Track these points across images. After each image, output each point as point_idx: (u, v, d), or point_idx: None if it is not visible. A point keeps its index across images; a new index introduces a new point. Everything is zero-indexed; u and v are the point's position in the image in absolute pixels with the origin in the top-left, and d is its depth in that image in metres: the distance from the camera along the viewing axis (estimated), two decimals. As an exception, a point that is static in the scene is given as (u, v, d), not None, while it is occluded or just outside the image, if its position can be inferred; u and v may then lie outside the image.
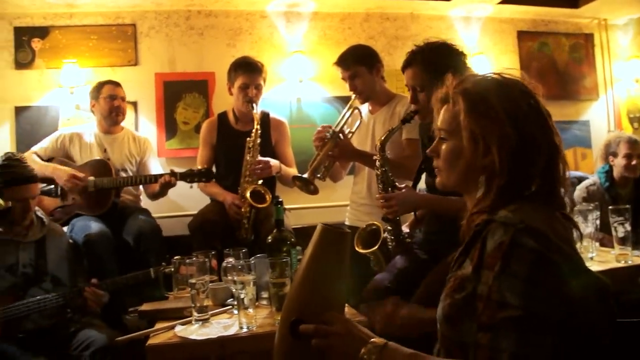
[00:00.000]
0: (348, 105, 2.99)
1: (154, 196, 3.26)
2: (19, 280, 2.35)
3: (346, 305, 1.39)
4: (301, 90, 4.10)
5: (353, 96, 2.93)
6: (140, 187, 3.35)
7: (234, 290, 1.90)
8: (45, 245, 2.49)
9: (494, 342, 0.98)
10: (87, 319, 2.46)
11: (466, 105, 1.16)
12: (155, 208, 3.38)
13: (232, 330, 1.73)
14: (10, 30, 3.82)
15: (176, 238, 3.26)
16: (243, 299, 1.74)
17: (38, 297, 2.31)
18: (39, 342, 2.27)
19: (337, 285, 1.23)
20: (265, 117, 3.31)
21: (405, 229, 2.47)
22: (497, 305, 0.98)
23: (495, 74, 1.20)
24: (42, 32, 3.85)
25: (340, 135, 2.81)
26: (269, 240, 1.99)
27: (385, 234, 2.36)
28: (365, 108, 3.05)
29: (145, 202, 3.41)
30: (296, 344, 1.17)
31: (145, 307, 2.14)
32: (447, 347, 1.11)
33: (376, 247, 2.33)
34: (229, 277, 2.03)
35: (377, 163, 2.41)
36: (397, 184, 2.39)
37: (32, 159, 3.11)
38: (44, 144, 3.27)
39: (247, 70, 3.19)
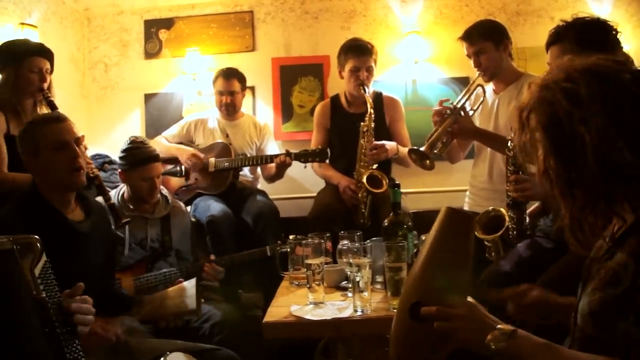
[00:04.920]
0: (471, 82, 2.82)
1: (270, 178, 3.33)
2: (148, 254, 2.51)
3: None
4: (417, 71, 3.97)
5: (477, 73, 2.76)
6: (258, 170, 3.44)
7: (348, 272, 1.88)
8: (170, 221, 2.62)
9: None
10: (206, 294, 2.57)
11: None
12: (271, 190, 3.45)
13: (346, 313, 1.70)
14: (140, 24, 4.10)
15: (291, 219, 3.31)
16: (358, 281, 1.69)
17: (164, 270, 2.45)
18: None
19: (461, 269, 1.18)
20: (378, 96, 3.24)
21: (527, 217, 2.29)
22: None
23: None
24: (167, 23, 4.08)
25: (461, 112, 2.67)
26: (385, 224, 1.93)
27: (508, 222, 2.20)
28: (489, 87, 2.87)
29: (261, 184, 3.50)
30: (416, 327, 1.13)
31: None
32: (586, 343, 1.00)
33: (499, 233, 2.18)
34: (344, 260, 2.01)
35: (510, 143, 2.23)
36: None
37: (160, 141, 3.31)
38: (172, 131, 3.47)
39: (357, 53, 3.12)
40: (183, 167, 3.28)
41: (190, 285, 2.20)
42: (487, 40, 2.70)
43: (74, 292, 1.36)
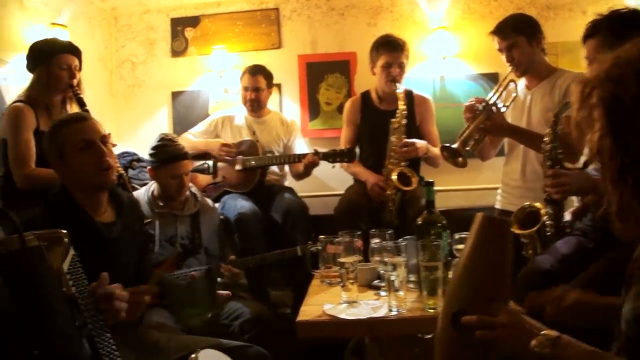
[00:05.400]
0: (503, 77, 2.77)
1: (298, 176, 3.32)
2: (178, 251, 2.51)
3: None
4: (445, 67, 3.93)
5: (509, 69, 2.71)
6: (286, 167, 3.43)
7: (382, 271, 1.85)
8: (199, 219, 2.62)
9: None
10: (235, 292, 2.57)
11: None
12: (299, 187, 3.44)
13: (381, 312, 1.68)
14: (167, 22, 4.12)
15: (319, 217, 3.29)
16: (393, 281, 1.67)
17: (194, 267, 2.45)
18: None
19: (501, 276, 1.18)
20: (408, 95, 3.21)
21: (567, 215, 2.23)
22: None
23: None
24: (193, 21, 4.09)
25: (493, 108, 2.62)
26: (419, 222, 1.90)
27: (545, 218, 2.15)
28: (521, 83, 2.81)
29: (288, 181, 3.49)
30: (459, 336, 1.13)
31: None
32: (633, 350, 0.96)
33: (535, 228, 2.12)
34: (377, 258, 1.99)
35: (547, 138, 2.18)
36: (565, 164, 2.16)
37: (187, 138, 3.32)
38: (199, 128, 3.48)
39: (390, 49, 3.11)
40: (211, 165, 3.28)
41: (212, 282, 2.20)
42: (519, 34, 2.65)
43: (99, 284, 1.35)
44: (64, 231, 1.24)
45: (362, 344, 2.23)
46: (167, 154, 2.54)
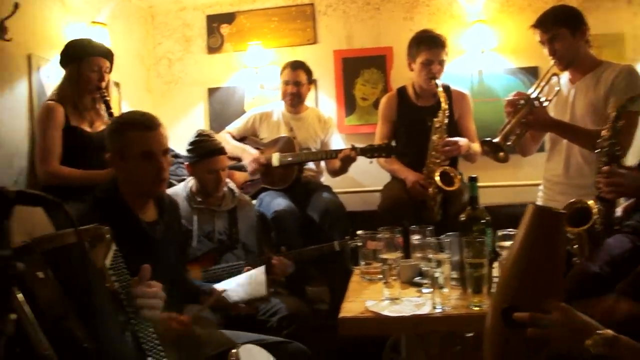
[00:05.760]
0: (545, 71, 2.70)
1: (334, 172, 3.30)
2: (216, 246, 2.53)
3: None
4: (483, 61, 3.85)
5: (551, 62, 2.63)
6: (322, 163, 3.42)
7: (424, 268, 1.83)
8: (237, 214, 2.64)
9: None
10: (273, 288, 2.57)
11: None
12: (335, 184, 3.42)
13: (425, 309, 1.66)
14: (203, 19, 4.15)
15: (355, 214, 3.28)
16: (437, 277, 1.64)
17: (232, 262, 2.47)
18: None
19: (553, 271, 1.13)
20: (446, 90, 3.15)
21: (618, 211, 2.15)
22: None
23: None
24: (229, 18, 4.11)
25: (535, 102, 2.55)
26: (462, 218, 1.86)
27: (596, 215, 2.07)
28: (564, 77, 2.73)
29: (324, 178, 3.48)
30: (510, 333, 1.10)
31: None
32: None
33: (586, 226, 2.05)
34: (418, 255, 1.96)
35: (606, 133, 2.10)
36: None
37: (226, 138, 3.34)
38: (237, 125, 3.49)
39: (430, 46, 3.06)
40: None
41: (259, 272, 2.21)
42: (562, 26, 2.57)
43: (142, 277, 1.36)
44: (106, 227, 1.26)
45: (398, 341, 2.20)
46: (204, 149, 2.56)
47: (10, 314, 0.80)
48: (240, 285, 2.19)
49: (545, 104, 2.64)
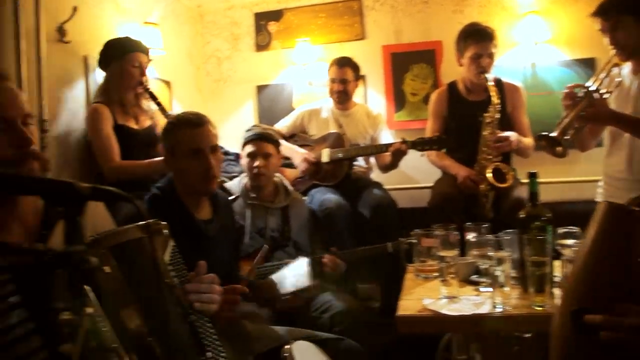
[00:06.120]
0: (606, 61, 2.58)
1: (385, 168, 3.27)
2: (267, 243, 2.53)
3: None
4: (536, 54, 3.74)
5: (612, 52, 2.52)
6: (372, 160, 3.39)
7: (482, 266, 1.78)
8: (289, 212, 2.65)
9: None
10: (324, 285, 2.56)
11: None
12: (384, 180, 3.39)
13: (484, 309, 1.61)
14: (251, 17, 4.19)
15: (405, 210, 3.24)
16: (498, 276, 1.60)
17: (284, 260, 2.47)
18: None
19: (628, 272, 1.06)
20: (498, 83, 3.07)
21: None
22: None
23: None
24: (276, 15, 4.13)
25: (595, 95, 2.45)
26: (522, 215, 1.80)
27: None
28: (626, 68, 2.61)
29: (375, 174, 3.45)
30: (579, 338, 1.04)
31: None
32: None
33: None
34: (475, 252, 1.91)
35: None
36: None
37: None
38: (286, 122, 3.51)
39: (479, 39, 2.98)
40: None
41: (302, 263, 2.21)
42: (625, 13, 2.44)
43: (198, 273, 1.37)
44: (164, 223, 1.28)
45: (457, 340, 2.16)
46: (249, 134, 2.67)
47: (86, 308, 0.81)
48: (284, 277, 2.20)
49: (605, 96, 2.52)
